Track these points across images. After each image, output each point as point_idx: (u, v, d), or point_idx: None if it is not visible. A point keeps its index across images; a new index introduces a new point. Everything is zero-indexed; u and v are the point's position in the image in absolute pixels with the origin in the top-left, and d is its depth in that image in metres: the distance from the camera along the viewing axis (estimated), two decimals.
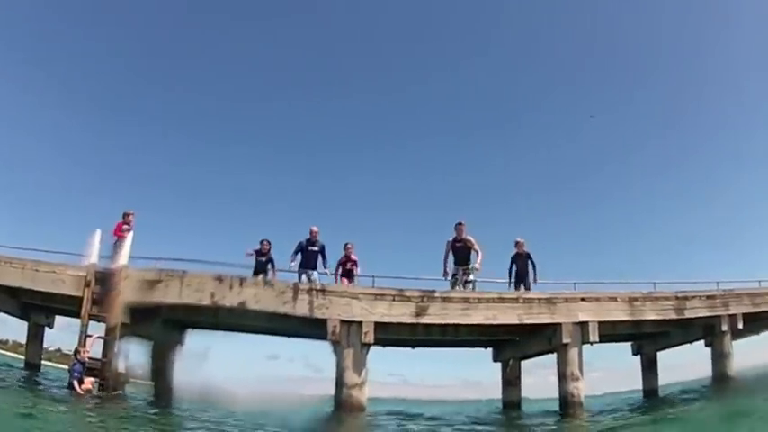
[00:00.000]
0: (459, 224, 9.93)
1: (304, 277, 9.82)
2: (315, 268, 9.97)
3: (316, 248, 10.04)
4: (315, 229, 10.19)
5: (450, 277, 9.85)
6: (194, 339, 11.05)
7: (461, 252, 9.86)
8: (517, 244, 10.71)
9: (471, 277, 9.80)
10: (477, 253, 9.74)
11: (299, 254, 10.00)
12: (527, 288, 10.53)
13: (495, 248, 11.16)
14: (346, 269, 10.39)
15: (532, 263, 10.65)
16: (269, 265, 10.31)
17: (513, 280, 10.57)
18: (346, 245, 10.62)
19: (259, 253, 10.27)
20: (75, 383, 8.64)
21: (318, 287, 9.28)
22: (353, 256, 10.50)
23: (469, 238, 9.86)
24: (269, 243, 10.42)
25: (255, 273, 10.01)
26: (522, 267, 10.59)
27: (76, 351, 9.00)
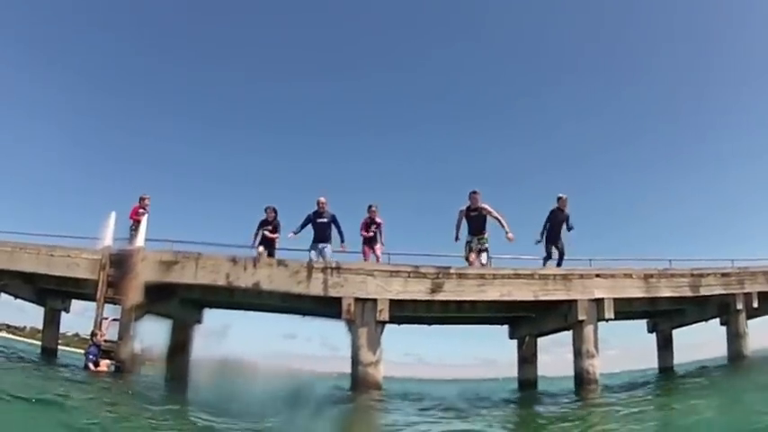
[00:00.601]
0: (474, 192, 9.43)
1: (314, 253, 9.46)
2: (327, 241, 9.56)
3: (325, 219, 9.58)
4: (322, 199, 9.69)
5: (464, 244, 9.58)
6: (213, 318, 11.16)
7: (476, 221, 9.45)
8: (559, 200, 10.08)
9: (486, 245, 9.47)
10: (500, 219, 9.23)
11: (306, 227, 9.63)
12: (560, 252, 10.09)
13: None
14: (370, 234, 9.90)
15: (568, 226, 10.08)
16: (276, 233, 9.99)
17: (544, 239, 10.09)
18: (370, 206, 10.13)
19: (265, 222, 9.99)
20: (91, 365, 8.73)
21: (333, 265, 9.24)
22: (378, 219, 10.05)
23: (485, 205, 9.42)
24: (275, 210, 10.06)
25: (262, 242, 9.83)
26: (557, 227, 10.07)
27: (93, 334, 9.08)
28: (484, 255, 9.47)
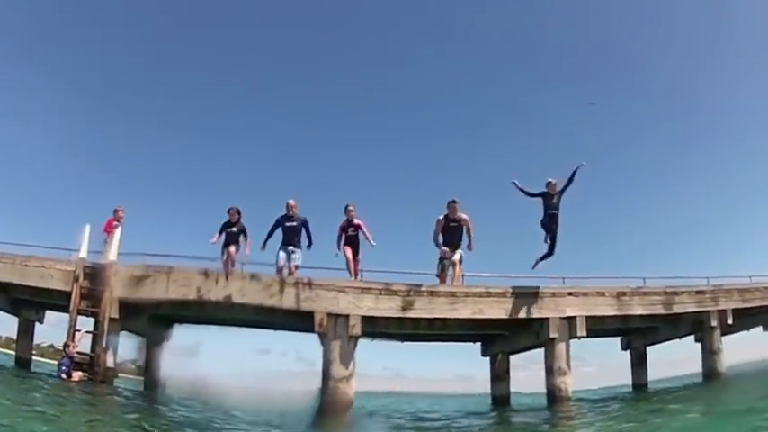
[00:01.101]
0: (453, 202, 9.03)
1: (282, 255, 9.20)
2: (296, 246, 9.33)
3: (295, 223, 9.27)
4: (291, 202, 9.36)
5: (437, 261, 9.37)
6: (184, 334, 11.11)
7: (453, 233, 9.10)
8: (548, 185, 9.29)
9: (457, 257, 9.19)
10: (470, 233, 9.05)
11: (276, 232, 9.36)
12: (552, 242, 9.29)
13: (486, 243, 10.98)
14: (348, 236, 9.51)
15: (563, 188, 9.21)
16: (241, 237, 9.57)
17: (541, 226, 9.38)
18: (347, 207, 9.58)
19: (228, 224, 9.52)
20: (64, 376, 8.74)
21: (305, 280, 9.27)
22: (356, 221, 9.55)
23: (464, 216, 9.09)
24: (238, 212, 9.56)
25: (227, 245, 9.43)
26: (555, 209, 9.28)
27: (65, 345, 9.08)
28: (458, 253, 9.23)
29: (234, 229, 9.51)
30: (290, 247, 9.32)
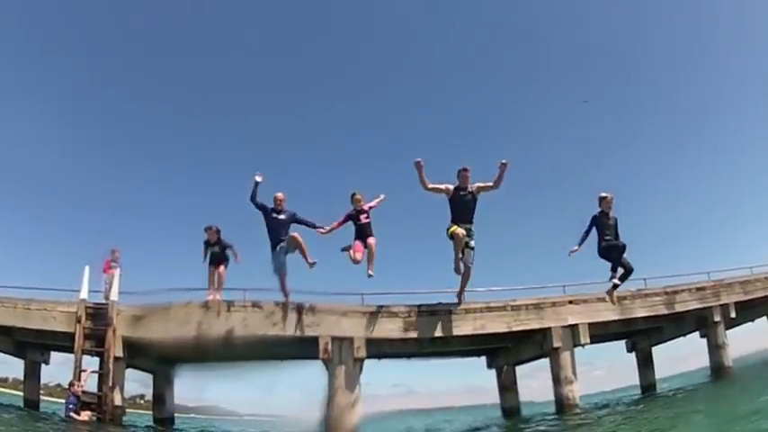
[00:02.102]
0: (464, 170, 7.66)
1: (282, 255, 8.32)
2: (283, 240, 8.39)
3: (282, 217, 8.41)
4: (280, 195, 8.44)
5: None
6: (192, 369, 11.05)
7: (465, 205, 7.67)
8: (602, 201, 7.92)
9: (473, 243, 7.83)
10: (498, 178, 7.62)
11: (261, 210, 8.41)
12: (625, 269, 7.87)
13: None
14: (360, 225, 8.36)
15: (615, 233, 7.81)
16: (227, 251, 9.18)
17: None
18: (354, 195, 8.43)
19: (208, 244, 9.10)
20: (72, 414, 8.76)
21: (307, 305, 9.23)
22: (366, 206, 8.47)
23: (478, 184, 7.73)
24: (217, 231, 9.03)
25: (213, 264, 9.10)
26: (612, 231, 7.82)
27: (70, 384, 9.11)
28: (469, 254, 7.85)
29: (216, 248, 9.13)
30: (281, 245, 8.38)
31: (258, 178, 8.30)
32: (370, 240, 8.35)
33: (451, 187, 7.76)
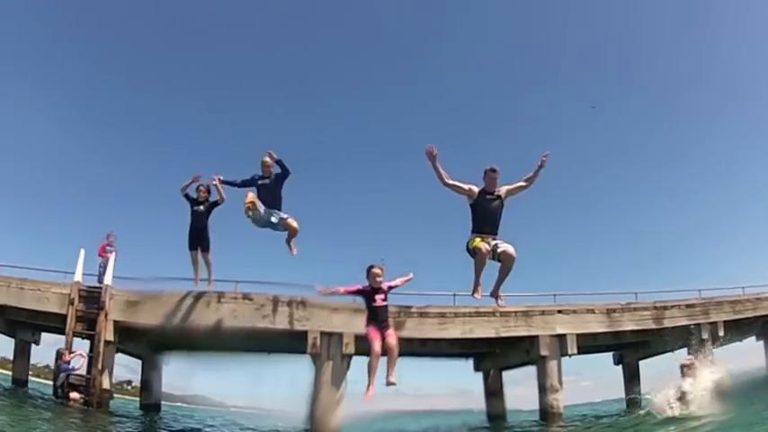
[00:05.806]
0: (492, 170, 6.20)
1: (272, 217, 7.70)
2: (277, 208, 7.83)
3: (267, 181, 7.75)
4: (267, 159, 7.67)
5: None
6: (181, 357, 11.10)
7: (490, 213, 6.17)
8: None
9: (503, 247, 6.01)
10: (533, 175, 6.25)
11: (248, 187, 7.83)
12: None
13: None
14: (373, 308, 5.89)
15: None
16: (214, 209, 8.46)
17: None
18: (371, 269, 5.99)
19: (195, 202, 8.35)
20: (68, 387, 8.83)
21: (298, 299, 9.30)
22: (385, 285, 6.02)
23: (507, 187, 6.27)
24: (207, 189, 8.36)
25: (193, 237, 8.42)
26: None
27: (59, 355, 9.15)
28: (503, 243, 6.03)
29: (201, 207, 8.39)
30: (274, 211, 7.81)
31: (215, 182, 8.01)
32: (391, 340, 5.94)
33: (476, 189, 6.25)
